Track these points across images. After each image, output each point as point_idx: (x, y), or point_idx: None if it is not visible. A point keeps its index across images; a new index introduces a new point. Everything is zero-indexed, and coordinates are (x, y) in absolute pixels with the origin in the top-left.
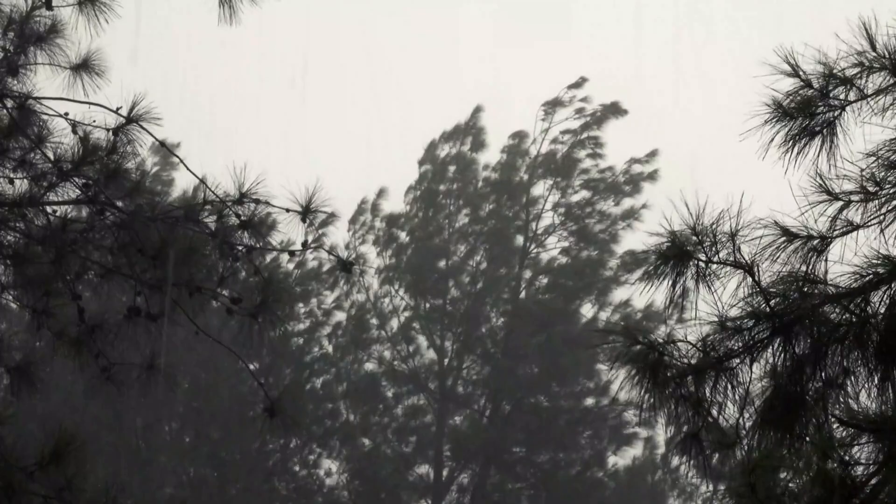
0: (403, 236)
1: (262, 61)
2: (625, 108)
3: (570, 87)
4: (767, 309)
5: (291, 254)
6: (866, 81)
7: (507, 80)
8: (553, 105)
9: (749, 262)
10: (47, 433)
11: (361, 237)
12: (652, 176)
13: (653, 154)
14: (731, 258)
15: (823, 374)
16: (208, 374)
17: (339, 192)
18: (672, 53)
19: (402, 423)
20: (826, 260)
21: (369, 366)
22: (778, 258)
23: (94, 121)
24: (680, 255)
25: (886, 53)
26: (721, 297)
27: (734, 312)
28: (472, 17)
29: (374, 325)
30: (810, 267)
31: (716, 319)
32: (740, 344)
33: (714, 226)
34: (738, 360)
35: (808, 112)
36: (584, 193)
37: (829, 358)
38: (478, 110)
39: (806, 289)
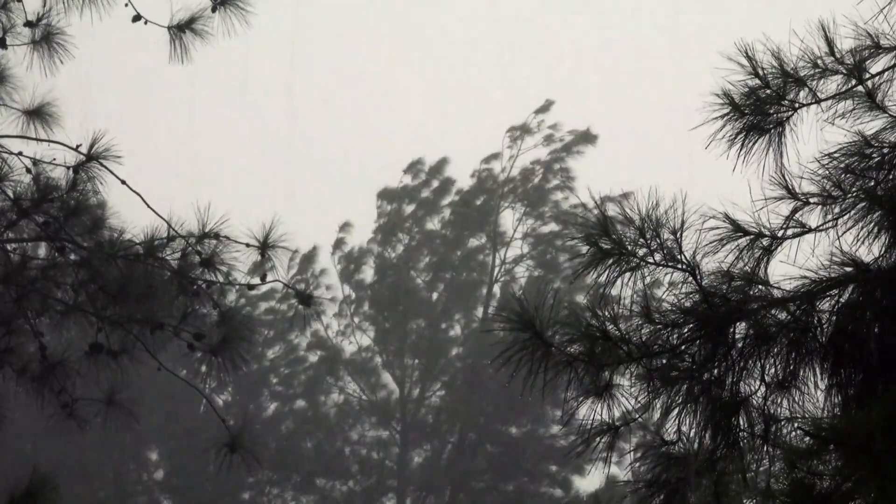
0: (367, 270)
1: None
2: (595, 133)
3: (538, 111)
4: (705, 307)
5: (250, 288)
6: (819, 84)
7: (473, 103)
8: (520, 130)
9: (690, 262)
10: (19, 473)
11: (327, 272)
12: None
13: (626, 196)
14: (673, 256)
15: (765, 378)
16: (173, 410)
17: (305, 227)
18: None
19: (365, 456)
20: (766, 262)
21: (332, 400)
22: (724, 255)
23: (55, 159)
24: (613, 252)
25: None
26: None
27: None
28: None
29: (337, 360)
30: (757, 267)
31: (639, 311)
32: (671, 340)
33: (651, 216)
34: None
35: (761, 110)
36: (554, 226)
37: (771, 360)
38: (443, 161)
39: (749, 290)
